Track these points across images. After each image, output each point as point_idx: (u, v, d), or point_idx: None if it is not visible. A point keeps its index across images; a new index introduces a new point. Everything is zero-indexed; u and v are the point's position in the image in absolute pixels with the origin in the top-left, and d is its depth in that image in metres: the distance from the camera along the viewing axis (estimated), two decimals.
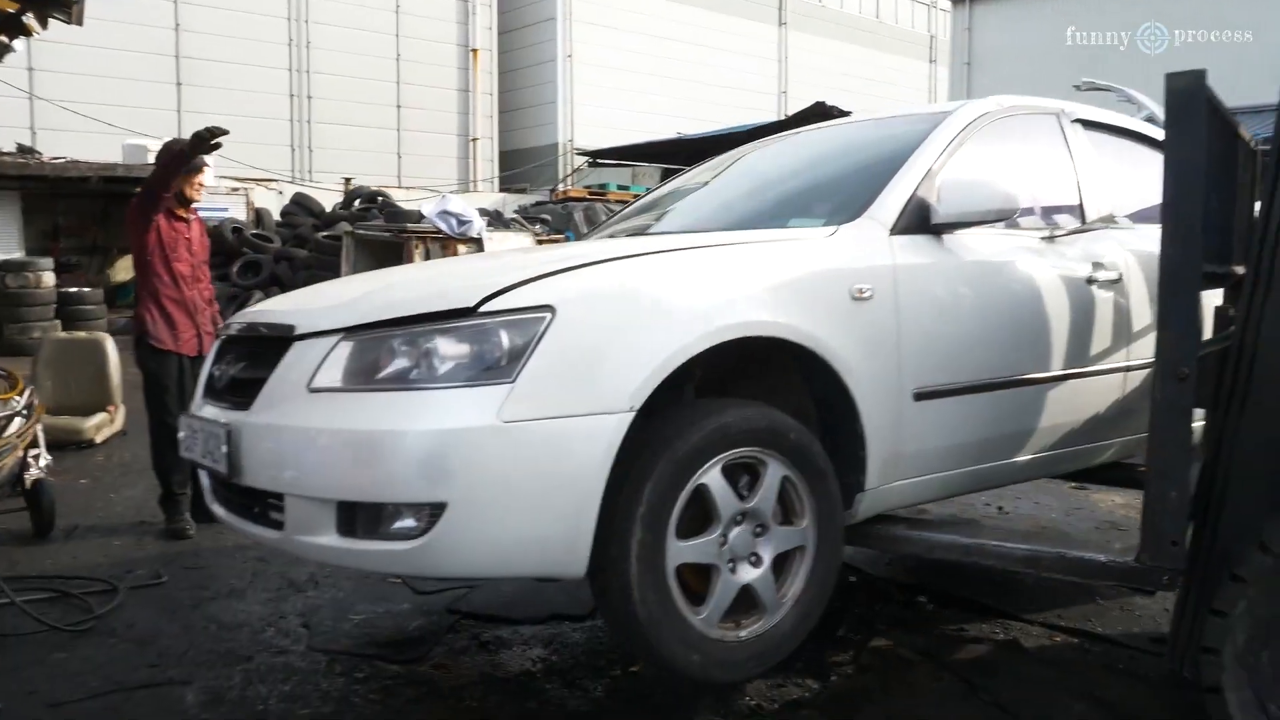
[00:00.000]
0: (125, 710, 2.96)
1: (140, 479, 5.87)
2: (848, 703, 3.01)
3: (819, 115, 17.59)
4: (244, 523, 2.62)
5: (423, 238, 13.13)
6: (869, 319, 2.75)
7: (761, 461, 2.58)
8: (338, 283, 3.45)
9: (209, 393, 2.90)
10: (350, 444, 2.26)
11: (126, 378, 7.55)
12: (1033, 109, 3.64)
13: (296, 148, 22.62)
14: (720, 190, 3.99)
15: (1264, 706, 2.37)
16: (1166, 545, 2.48)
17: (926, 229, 2.97)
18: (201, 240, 5.09)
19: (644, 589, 2.34)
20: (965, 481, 3.11)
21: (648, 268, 2.55)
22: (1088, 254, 3.36)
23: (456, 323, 2.29)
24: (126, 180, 15.34)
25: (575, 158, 24.33)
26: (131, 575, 4.14)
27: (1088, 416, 3.37)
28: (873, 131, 3.77)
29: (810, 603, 2.68)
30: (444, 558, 2.24)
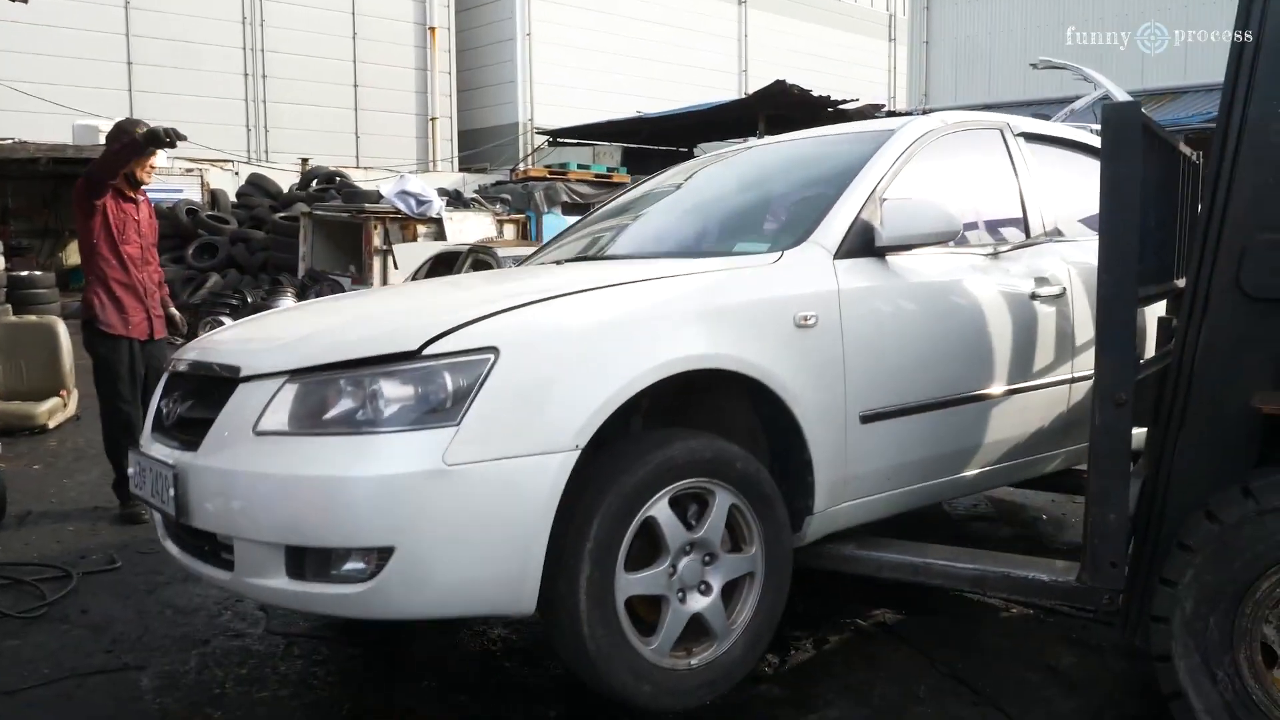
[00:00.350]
0: (79, 696, 2.94)
1: (94, 464, 5.79)
2: (807, 676, 3.05)
3: (779, 94, 17.67)
4: (195, 562, 2.59)
5: (381, 218, 13.01)
6: (813, 345, 2.76)
7: (709, 491, 2.59)
8: (285, 315, 3.37)
9: (157, 428, 2.86)
10: (296, 489, 2.25)
11: (79, 362, 7.43)
12: (977, 124, 3.66)
13: (252, 128, 22.26)
14: (668, 210, 3.99)
15: (1212, 673, 2.43)
16: (1106, 567, 2.56)
17: (871, 252, 2.98)
18: (150, 222, 5.00)
19: (593, 624, 2.36)
20: (913, 498, 3.15)
21: (591, 304, 2.54)
22: (1031, 269, 3.39)
23: (401, 365, 2.28)
24: (77, 161, 15.04)
25: (535, 137, 24.20)
26: (86, 561, 4.09)
27: (1034, 429, 3.42)
28: (817, 150, 3.75)
29: (760, 628, 2.71)
30: (393, 600, 2.25)
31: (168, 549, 2.80)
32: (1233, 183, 2.50)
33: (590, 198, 16.90)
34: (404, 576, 2.21)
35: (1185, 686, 2.45)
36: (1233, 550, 2.39)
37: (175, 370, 2.91)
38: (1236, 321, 2.50)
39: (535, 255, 4.19)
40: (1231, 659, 2.41)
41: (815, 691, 2.97)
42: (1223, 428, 2.54)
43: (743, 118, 19.67)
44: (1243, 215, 2.48)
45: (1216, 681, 2.42)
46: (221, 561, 2.44)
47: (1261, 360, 2.51)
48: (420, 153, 24.53)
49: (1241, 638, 2.41)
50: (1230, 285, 2.50)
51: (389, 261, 12.68)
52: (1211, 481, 2.50)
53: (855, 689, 3.00)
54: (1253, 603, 2.39)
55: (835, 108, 18.68)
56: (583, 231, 4.16)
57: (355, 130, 23.66)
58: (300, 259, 13.97)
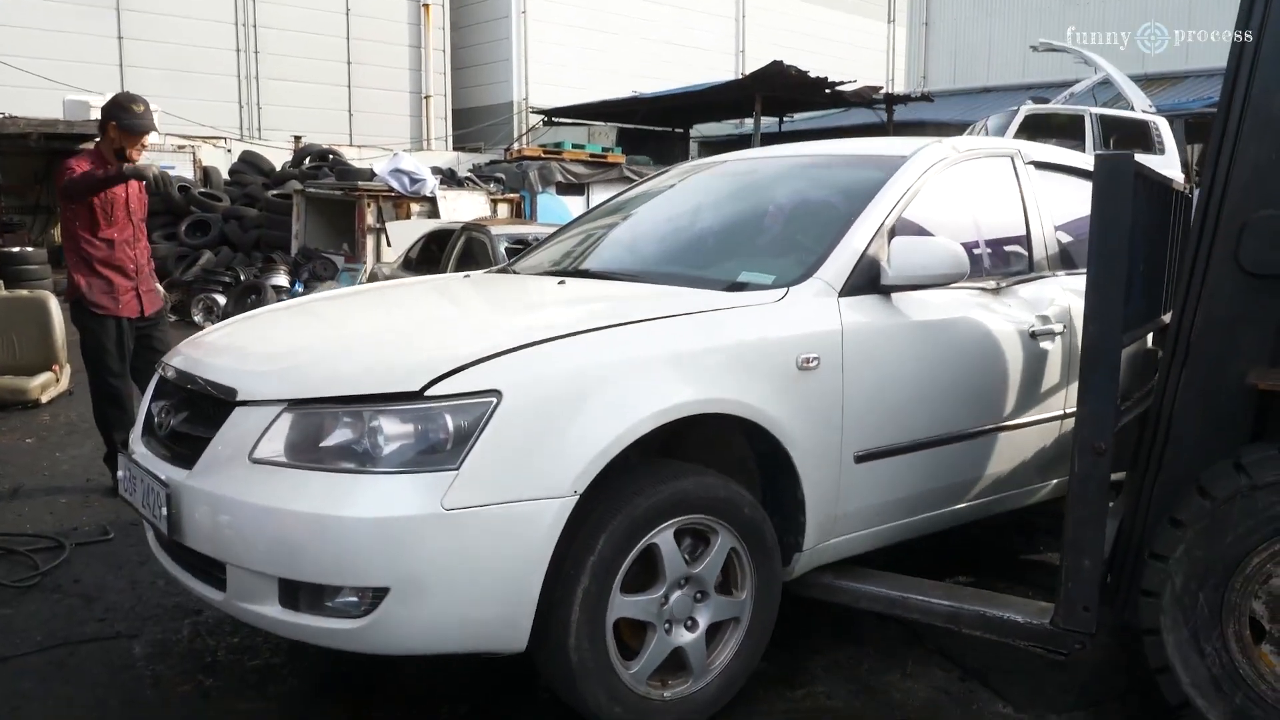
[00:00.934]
0: (72, 664, 2.95)
1: (86, 439, 5.78)
2: (795, 653, 3.07)
3: (776, 74, 17.60)
4: (188, 577, 2.57)
5: (375, 196, 12.96)
6: (814, 388, 2.73)
7: (713, 530, 2.58)
8: (281, 323, 3.25)
9: (148, 432, 2.82)
10: (291, 524, 2.22)
11: (71, 337, 7.40)
12: (988, 152, 3.61)
13: (244, 104, 22.12)
14: (672, 222, 3.88)
15: (1200, 647, 2.45)
16: (1079, 611, 2.58)
17: (875, 289, 2.94)
18: (140, 199, 4.92)
19: (580, 637, 2.36)
20: (902, 532, 3.14)
21: (595, 346, 2.47)
22: (1033, 305, 3.36)
23: (401, 405, 2.25)
24: (68, 137, 14.93)
25: (530, 116, 24.09)
26: (78, 532, 4.10)
27: (1025, 462, 3.42)
28: (827, 172, 3.65)
29: (736, 673, 2.70)
30: (387, 637, 2.25)
31: (160, 560, 2.76)
32: (1234, 159, 2.50)
33: (585, 178, 16.85)
34: (398, 616, 2.21)
35: (1173, 660, 2.47)
36: (1224, 526, 2.41)
37: (165, 375, 2.86)
38: (1234, 299, 2.52)
39: (539, 249, 4.09)
40: (1220, 633, 2.43)
41: (804, 667, 3.00)
42: (1218, 404, 2.56)
43: (739, 99, 19.60)
44: (1243, 192, 2.49)
45: (1204, 656, 2.44)
46: (215, 580, 2.42)
47: (1259, 337, 2.52)
48: (414, 131, 24.41)
49: (1230, 613, 2.43)
50: (1229, 262, 2.51)
51: (382, 240, 12.64)
52: (1205, 457, 2.53)
53: (843, 665, 3.02)
54: (1242, 578, 2.41)
55: (833, 89, 18.61)
56: (587, 231, 4.07)
57: (348, 108, 23.52)
58: (293, 237, 13.91)
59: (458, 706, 2.73)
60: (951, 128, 20.62)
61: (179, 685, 2.84)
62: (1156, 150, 13.78)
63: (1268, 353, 2.52)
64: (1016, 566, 3.88)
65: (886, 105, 20.52)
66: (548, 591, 2.30)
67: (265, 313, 3.46)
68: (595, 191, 16.61)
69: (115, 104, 4.67)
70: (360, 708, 2.69)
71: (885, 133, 20.83)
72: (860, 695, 2.85)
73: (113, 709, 2.71)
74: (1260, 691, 2.40)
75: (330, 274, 12.59)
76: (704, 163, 4.26)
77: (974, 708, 2.80)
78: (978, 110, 20.30)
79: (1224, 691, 2.43)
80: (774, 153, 4.14)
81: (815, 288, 2.86)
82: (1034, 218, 3.55)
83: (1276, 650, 2.41)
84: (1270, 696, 2.39)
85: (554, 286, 3.30)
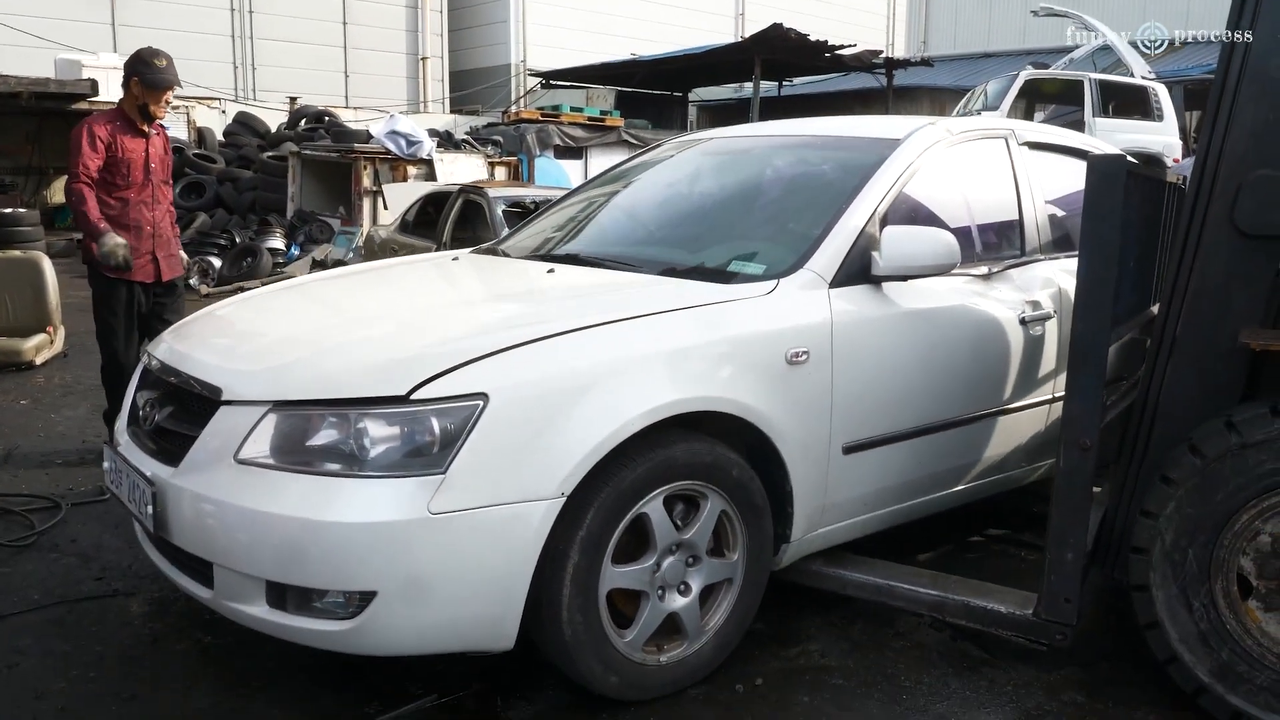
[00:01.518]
0: (70, 622, 2.97)
1: (82, 400, 5.78)
2: (789, 613, 3.10)
3: (775, 38, 17.47)
4: (176, 573, 2.56)
5: (371, 159, 12.88)
6: (803, 382, 2.72)
7: (702, 494, 2.59)
8: (265, 311, 3.20)
9: (133, 423, 2.81)
10: (278, 529, 2.21)
11: (66, 299, 7.41)
12: (983, 133, 3.58)
13: (239, 65, 21.90)
14: (663, 204, 3.83)
15: (1188, 603, 2.48)
16: (1060, 602, 2.62)
17: (866, 279, 2.91)
18: (164, 158, 4.76)
19: (573, 611, 2.36)
20: (890, 519, 3.15)
21: (583, 347, 2.44)
22: (1023, 291, 3.34)
23: (388, 409, 2.24)
24: (60, 97, 14.84)
25: (528, 78, 23.90)
26: (74, 493, 4.11)
27: (1014, 447, 3.42)
28: (820, 154, 3.62)
29: (729, 633, 2.72)
30: (375, 638, 2.26)
31: (149, 554, 2.75)
32: (1230, 121, 2.50)
33: (583, 141, 16.75)
34: (385, 618, 2.22)
35: (1161, 616, 2.50)
36: (1215, 483, 2.43)
37: (150, 366, 2.84)
38: (1230, 260, 2.52)
39: (528, 226, 4.05)
40: (1208, 589, 2.46)
41: (797, 627, 3.03)
42: (1210, 365, 2.57)
43: (739, 62, 19.46)
44: (1240, 152, 2.49)
45: (1192, 611, 2.47)
46: (202, 578, 2.42)
47: (1252, 297, 2.53)
48: (410, 93, 24.21)
49: (1219, 569, 2.46)
50: (1225, 223, 2.51)
51: (379, 202, 12.58)
52: (1197, 415, 2.54)
53: (836, 625, 3.05)
54: (1231, 534, 2.44)
55: (833, 53, 18.48)
56: (576, 208, 4.03)
57: (344, 69, 23.31)
58: (289, 199, 13.84)
59: (453, 665, 2.75)
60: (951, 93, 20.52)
61: (177, 643, 2.86)
62: (1155, 117, 13.73)
63: (1260, 313, 2.53)
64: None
65: (886, 70, 20.39)
66: (538, 572, 2.31)
67: (252, 299, 3.41)
68: (593, 155, 16.54)
69: (137, 59, 4.54)
70: (355, 668, 2.71)
71: (885, 97, 20.72)
72: (853, 654, 2.88)
73: (110, 666, 2.73)
74: (1246, 646, 2.43)
75: (326, 237, 12.54)
76: (695, 138, 4.20)
77: (966, 667, 2.82)
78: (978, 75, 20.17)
79: (1211, 646, 2.47)
80: (766, 131, 4.07)
81: (805, 279, 2.84)
82: (1027, 201, 3.53)
83: (1263, 606, 2.44)
84: (1255, 651, 2.42)
85: (543, 275, 3.26)
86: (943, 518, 3.42)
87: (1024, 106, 14.09)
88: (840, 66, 20.37)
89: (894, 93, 20.85)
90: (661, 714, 2.54)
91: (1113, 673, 2.81)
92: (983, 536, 3.81)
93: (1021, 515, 3.99)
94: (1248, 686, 2.43)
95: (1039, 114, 14.85)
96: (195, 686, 2.63)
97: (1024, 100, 14.06)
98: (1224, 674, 2.45)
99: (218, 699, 2.58)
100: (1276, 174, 2.46)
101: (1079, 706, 2.63)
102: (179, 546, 2.44)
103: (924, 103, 21.91)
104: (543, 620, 2.37)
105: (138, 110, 4.55)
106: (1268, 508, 2.41)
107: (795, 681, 2.72)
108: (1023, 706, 2.63)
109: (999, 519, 3.93)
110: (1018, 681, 2.75)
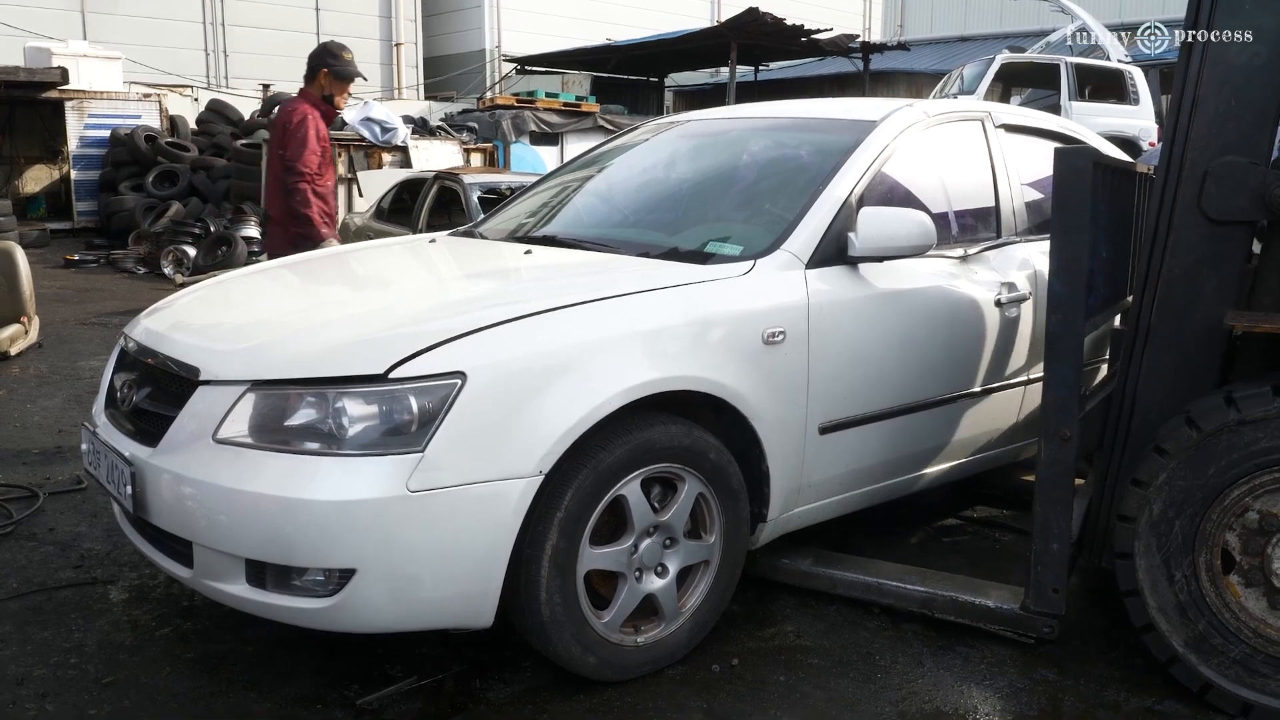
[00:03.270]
0: (49, 609, 2.97)
1: (57, 390, 5.75)
2: (765, 594, 3.13)
3: (751, 22, 17.45)
4: (155, 553, 2.56)
5: (346, 146, 12.79)
6: (780, 362, 2.75)
7: (679, 477, 2.61)
8: (244, 297, 3.18)
9: (110, 404, 2.80)
10: (256, 508, 2.22)
11: (40, 289, 7.34)
12: (960, 116, 3.61)
13: (211, 52, 21.67)
14: (639, 187, 3.83)
15: (1170, 573, 2.53)
16: (1048, 593, 2.68)
17: (843, 260, 2.94)
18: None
19: (552, 592, 2.38)
20: (866, 499, 3.18)
21: (560, 326, 2.45)
22: (999, 273, 3.37)
23: (366, 387, 2.25)
24: (30, 85, 14.64)
25: (503, 64, 23.78)
26: (51, 482, 4.09)
27: (989, 429, 3.46)
28: (796, 136, 3.65)
29: (706, 614, 2.75)
30: (355, 616, 2.27)
31: (128, 535, 2.75)
32: (1195, 107, 2.54)
33: (559, 127, 16.68)
34: (365, 595, 2.23)
35: (1142, 584, 2.55)
36: (1209, 457, 2.47)
37: (126, 348, 2.83)
38: (1200, 246, 2.57)
39: (505, 209, 4.05)
40: (1191, 562, 2.51)
41: (772, 608, 3.06)
42: (1185, 350, 2.62)
43: (714, 47, 19.42)
44: (1204, 139, 2.53)
45: (1173, 582, 2.52)
46: (182, 557, 2.43)
47: (1223, 282, 2.57)
48: (384, 79, 24.04)
49: (1204, 542, 2.50)
50: (1193, 209, 2.55)
51: (354, 190, 12.51)
52: (1174, 400, 2.59)
53: (812, 606, 3.09)
54: (1220, 509, 2.48)
55: (808, 37, 18.47)
56: (553, 191, 4.03)
57: None
58: (263, 187, 13.70)
59: (433, 649, 2.77)
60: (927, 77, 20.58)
61: (157, 629, 2.87)
62: (1131, 100, 13.82)
63: (1232, 297, 2.58)
64: None
65: (863, 54, 20.40)
66: (516, 553, 2.33)
67: (228, 281, 3.40)
68: (569, 141, 16.47)
69: (326, 51, 4.86)
70: (334, 651, 2.72)
71: (861, 82, 20.76)
72: (829, 634, 2.91)
73: (91, 652, 2.73)
74: (1223, 619, 2.49)
75: None
76: (673, 120, 4.21)
77: (940, 645, 2.87)
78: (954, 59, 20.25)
79: (1189, 618, 2.52)
80: (743, 113, 4.08)
81: (782, 260, 2.86)
82: (1003, 183, 3.56)
83: (1244, 582, 2.49)
84: (1232, 625, 2.48)
85: (520, 256, 3.27)
86: (917, 499, 3.47)
87: (1000, 90, 14.16)
88: (816, 51, 20.36)
89: (870, 77, 20.87)
90: (638, 694, 2.57)
91: (1084, 650, 2.86)
92: (958, 519, 3.85)
93: (997, 497, 4.04)
94: (1220, 659, 2.48)
95: (1015, 98, 14.94)
96: (175, 671, 2.64)
97: (1000, 84, 14.13)
98: (1198, 645, 2.51)
99: (198, 683, 2.59)
100: (1240, 160, 2.50)
101: (1050, 684, 2.68)
102: (158, 527, 2.45)
103: (900, 87, 21.97)
104: (521, 601, 2.40)
105: (322, 99, 4.85)
106: (1259, 485, 2.45)
107: (771, 661, 2.76)
108: (995, 684, 2.67)
109: (975, 500, 3.98)
110: (991, 659, 2.79)
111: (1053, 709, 2.57)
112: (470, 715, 2.47)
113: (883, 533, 3.60)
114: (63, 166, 16.13)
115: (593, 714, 2.48)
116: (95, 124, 15.20)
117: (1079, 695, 2.62)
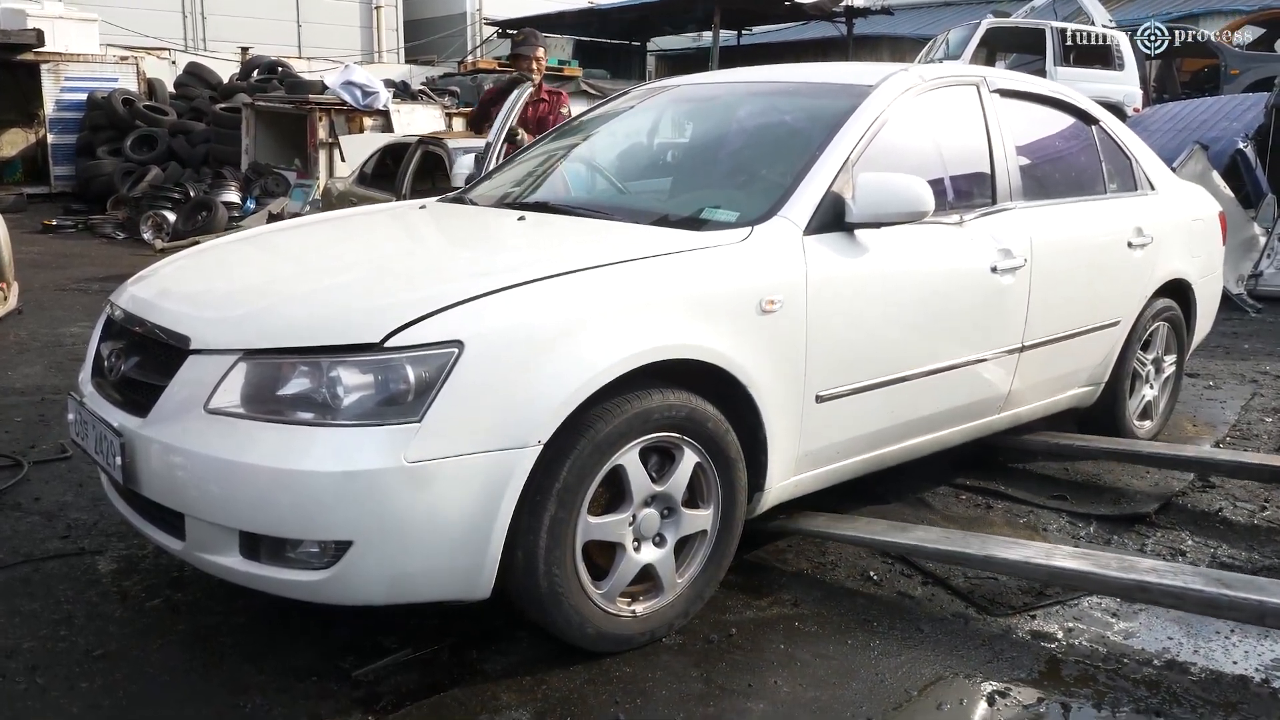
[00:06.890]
0: (37, 581, 2.93)
1: (39, 357, 5.67)
2: (762, 565, 3.12)
3: None
4: (146, 525, 2.51)
5: (326, 110, 12.64)
6: (777, 330, 2.72)
7: (678, 447, 2.58)
8: (235, 264, 3.09)
9: (97, 373, 2.73)
10: (250, 479, 2.18)
11: (18, 255, 7.23)
12: (955, 80, 3.57)
13: (188, 14, 21.36)
14: (633, 153, 3.79)
15: None
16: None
17: (840, 227, 2.91)
18: (557, 118, 5.76)
19: (550, 563, 2.36)
20: (863, 467, 3.17)
21: (558, 294, 2.40)
22: (995, 239, 3.35)
23: (361, 356, 2.20)
24: (5, 47, 14.37)
25: (484, 28, 23.51)
26: (35, 451, 4.03)
27: (984, 396, 3.45)
28: (792, 101, 3.60)
29: (704, 585, 2.73)
30: (350, 588, 2.23)
31: (116, 507, 2.69)
32: None
33: None
34: (360, 567, 2.20)
35: None
36: None
37: (113, 316, 2.76)
38: None
39: (496, 174, 3.98)
40: None
41: (770, 578, 3.05)
42: None
43: (698, 10, 19.25)
44: None
45: None
46: (173, 529, 2.38)
47: None
48: (365, 43, 23.76)
49: None
50: None
51: (335, 154, 12.36)
52: None
53: (809, 575, 3.08)
54: None
55: (792, 1, 18.34)
56: (545, 155, 3.96)
57: (297, 18, 22.82)
58: (243, 152, 13.55)
59: (428, 620, 2.75)
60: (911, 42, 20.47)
61: (147, 600, 2.83)
62: (1116, 66, 13.78)
63: None
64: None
65: (847, 18, 20.29)
66: (514, 524, 2.30)
67: (217, 247, 3.32)
68: None
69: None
70: (328, 622, 2.70)
71: (845, 46, 20.63)
72: (826, 601, 2.91)
73: (80, 624, 2.69)
74: None
75: (282, 190, 12.32)
76: (664, 85, 4.14)
77: (937, 610, 2.87)
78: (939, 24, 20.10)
79: None
80: (735, 78, 4.02)
81: (779, 226, 2.83)
82: (998, 148, 3.54)
83: None
84: None
85: (513, 223, 3.21)
86: (913, 465, 3.46)
87: (985, 55, 14.08)
88: (800, 15, 20.24)
89: (854, 41, 20.76)
90: (636, 665, 2.55)
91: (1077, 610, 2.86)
92: (951, 486, 3.85)
93: (990, 465, 4.04)
94: None
95: (1000, 63, 14.87)
96: (167, 643, 2.61)
97: (985, 49, 14.05)
98: None
99: (190, 655, 2.56)
100: None
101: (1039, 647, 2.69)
102: (149, 498, 2.40)
103: (884, 51, 21.85)
104: (518, 572, 2.37)
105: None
106: None
107: (769, 630, 2.75)
108: (994, 648, 2.67)
109: (969, 468, 3.98)
110: (989, 626, 2.79)
111: (1051, 671, 2.57)
112: (467, 687, 2.45)
113: (875, 500, 3.60)
114: (39, 130, 15.87)
115: (591, 685, 2.46)
116: (72, 87, 14.94)
117: (1082, 670, 2.63)
